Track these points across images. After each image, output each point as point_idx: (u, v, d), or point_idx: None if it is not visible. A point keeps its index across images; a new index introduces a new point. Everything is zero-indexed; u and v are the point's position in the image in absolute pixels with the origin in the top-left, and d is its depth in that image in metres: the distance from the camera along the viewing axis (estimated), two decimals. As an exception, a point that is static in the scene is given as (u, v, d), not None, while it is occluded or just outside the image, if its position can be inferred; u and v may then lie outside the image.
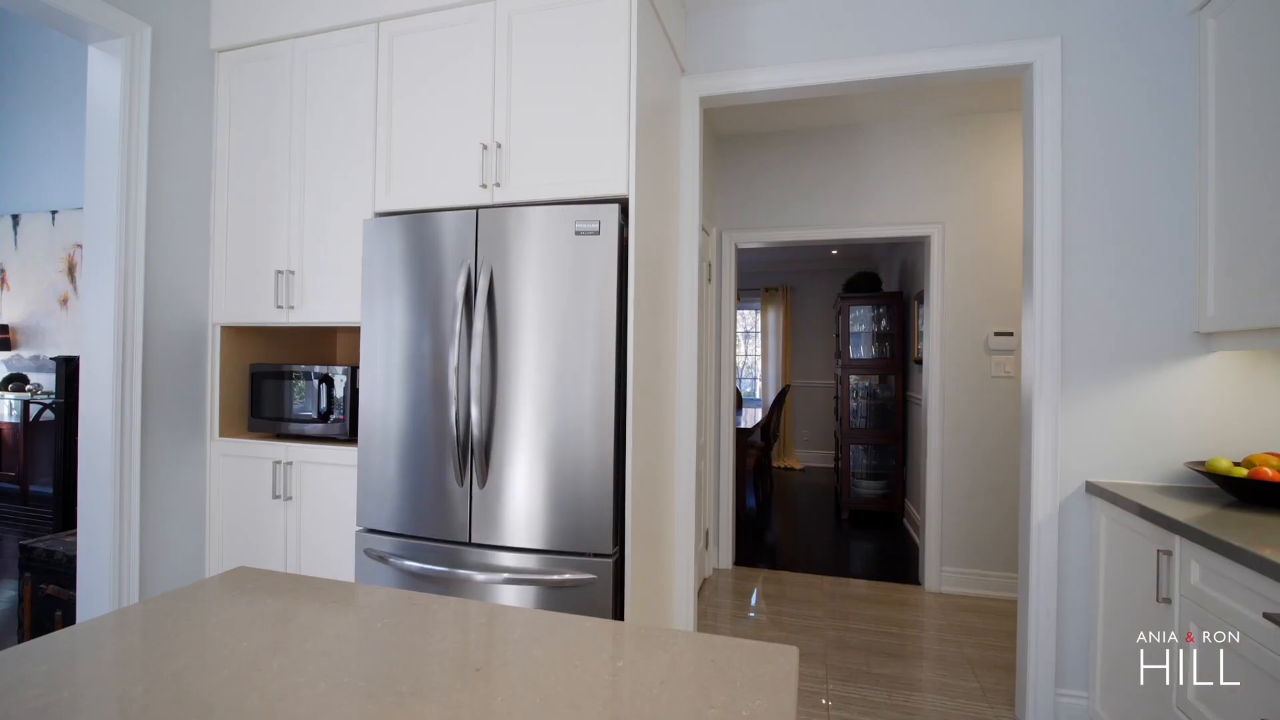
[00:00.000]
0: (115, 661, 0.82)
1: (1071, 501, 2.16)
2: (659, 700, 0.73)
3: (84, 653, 0.84)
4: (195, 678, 0.77)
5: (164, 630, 0.90)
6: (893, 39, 2.36)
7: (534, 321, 1.91)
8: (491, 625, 0.94)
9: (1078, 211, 2.18)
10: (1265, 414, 2.01)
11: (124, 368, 2.18)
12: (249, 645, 0.86)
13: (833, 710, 2.32)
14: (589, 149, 1.96)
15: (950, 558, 3.52)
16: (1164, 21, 2.13)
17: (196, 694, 0.73)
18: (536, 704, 0.72)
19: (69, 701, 0.72)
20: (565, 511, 1.88)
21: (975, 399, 3.52)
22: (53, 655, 0.82)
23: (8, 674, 0.77)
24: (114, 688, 0.75)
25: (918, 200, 3.65)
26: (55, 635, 0.88)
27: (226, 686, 0.75)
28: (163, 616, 0.95)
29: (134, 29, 2.21)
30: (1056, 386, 2.17)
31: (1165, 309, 2.10)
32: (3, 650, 0.80)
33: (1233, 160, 1.91)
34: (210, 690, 0.74)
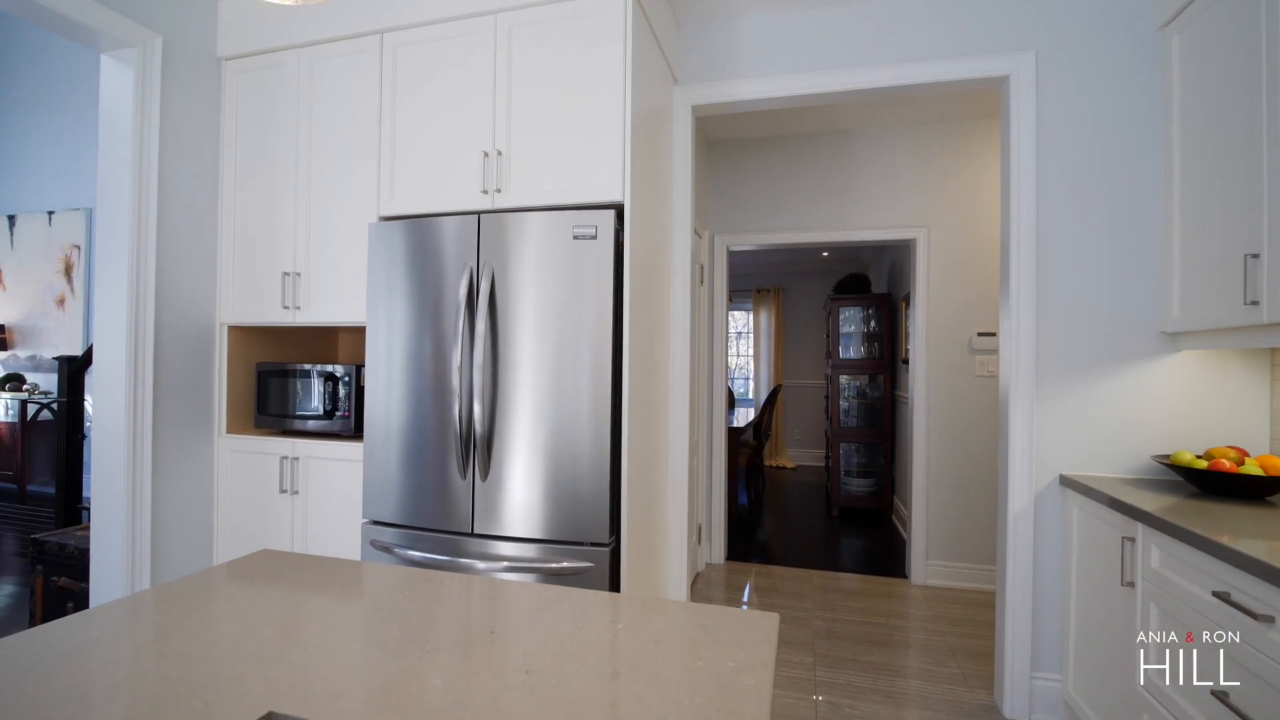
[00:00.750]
0: (168, 627, 0.90)
1: (1046, 494, 2.27)
2: (654, 655, 0.82)
3: (137, 621, 0.92)
4: (243, 638, 0.86)
5: (205, 601, 0.99)
6: (878, 51, 2.46)
7: (534, 322, 2.00)
8: (501, 596, 1.03)
9: (1052, 218, 2.29)
10: (1226, 409, 2.12)
11: (136, 367, 2.26)
12: (284, 612, 0.95)
13: (820, 695, 2.42)
14: (586, 157, 2.06)
15: (936, 552, 3.63)
16: (1133, 37, 2.24)
17: (246, 650, 0.82)
18: (546, 658, 0.81)
19: (132, 658, 0.80)
20: (564, 503, 1.97)
21: (960, 398, 3.63)
22: (112, 621, 0.91)
23: (75, 636, 0.85)
24: (173, 645, 0.84)
25: (904, 204, 3.76)
26: (109, 605, 0.96)
27: (272, 644, 0.84)
28: (201, 590, 1.03)
29: (146, 39, 2.28)
30: (1032, 384, 2.28)
31: (1134, 310, 2.21)
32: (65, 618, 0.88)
33: (1195, 170, 2.02)
34: (259, 647, 0.83)
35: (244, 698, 0.72)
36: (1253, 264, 1.71)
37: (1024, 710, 2.28)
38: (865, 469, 5.32)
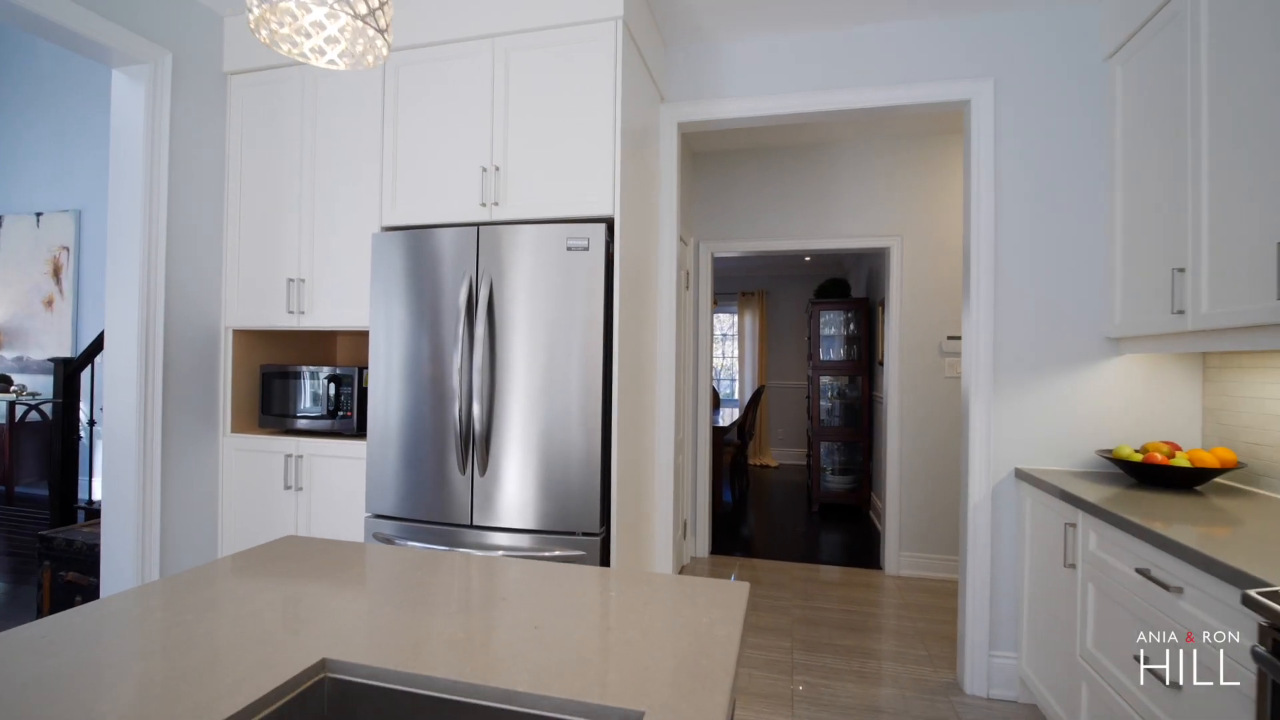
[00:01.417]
0: (215, 599, 1.03)
1: (1003, 486, 2.46)
2: (642, 613, 0.97)
3: (187, 594, 1.06)
4: (286, 605, 0.99)
5: (244, 578, 1.12)
6: (852, 75, 2.64)
7: (530, 327, 2.15)
8: (507, 572, 1.18)
9: (1008, 231, 2.48)
10: (1163, 408, 2.32)
11: (146, 370, 2.37)
12: (318, 585, 1.09)
13: (796, 675, 2.58)
14: (579, 173, 2.20)
15: (908, 544, 3.82)
16: (1082, 67, 2.44)
17: (291, 615, 0.96)
18: (551, 616, 0.95)
19: (193, 623, 0.94)
20: (557, 495, 2.12)
21: (930, 398, 3.82)
22: (166, 594, 1.04)
23: (138, 605, 0.98)
24: (226, 612, 0.97)
25: (879, 214, 3.95)
26: (158, 583, 1.09)
27: (312, 610, 0.97)
28: (238, 569, 1.16)
29: (157, 55, 2.40)
30: (990, 385, 2.47)
31: (1081, 317, 2.40)
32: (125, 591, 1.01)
33: (1134, 190, 2.22)
34: (301, 611, 0.97)
35: (298, 649, 0.86)
36: (1179, 277, 1.90)
37: (983, 686, 2.46)
38: (844, 467, 5.51)
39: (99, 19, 2.21)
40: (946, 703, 2.41)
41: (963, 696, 2.46)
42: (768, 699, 2.41)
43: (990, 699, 2.44)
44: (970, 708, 2.38)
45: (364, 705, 0.81)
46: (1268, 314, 1.55)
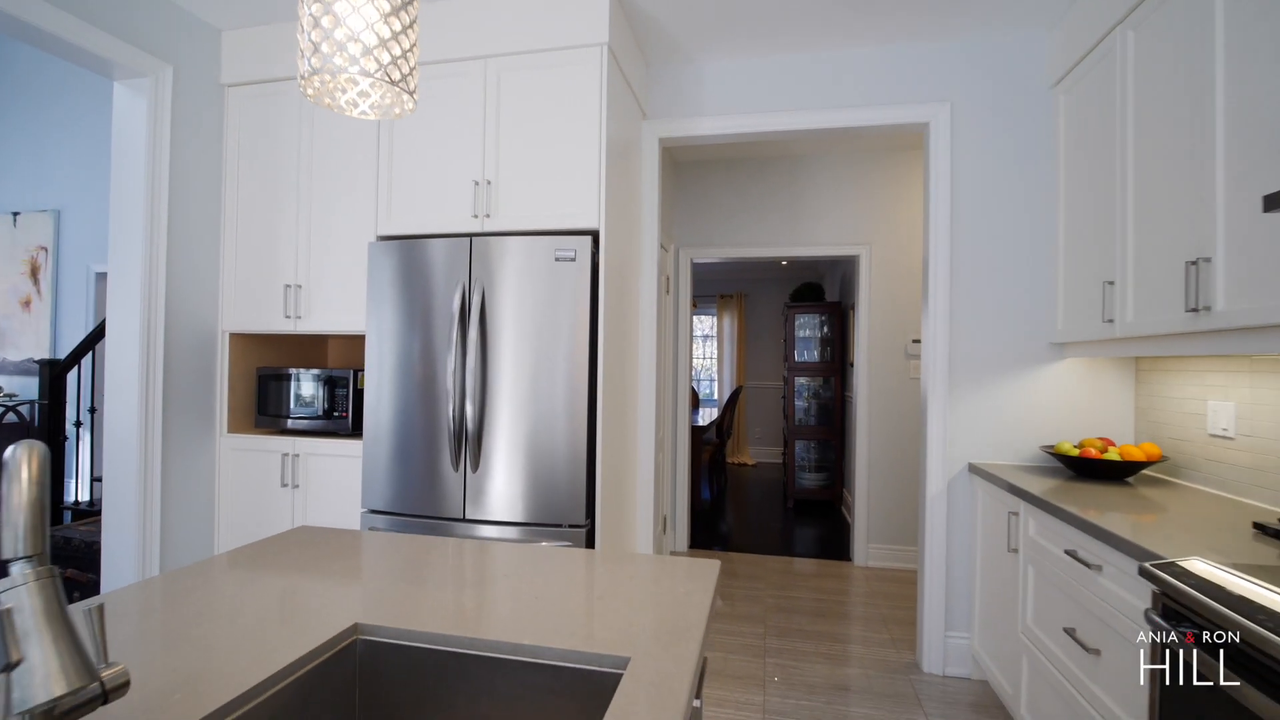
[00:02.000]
0: (249, 579, 1.16)
1: (957, 480, 2.66)
2: (627, 585, 1.13)
3: (223, 573, 1.18)
4: (314, 581, 1.13)
5: (270, 560, 1.25)
6: (821, 97, 2.82)
7: (520, 332, 2.29)
8: (507, 554, 1.32)
9: (963, 244, 2.68)
10: (1100, 407, 2.54)
11: (147, 372, 2.46)
12: (338, 565, 1.22)
13: (769, 658, 2.76)
14: (567, 187, 2.35)
15: (875, 537, 4.03)
16: (1030, 93, 2.64)
17: (320, 589, 1.09)
18: (551, 588, 1.10)
19: (235, 595, 1.07)
20: (545, 490, 2.26)
21: (896, 398, 4.03)
22: (205, 574, 1.17)
23: (183, 582, 1.11)
24: (263, 586, 1.10)
25: (849, 223, 4.15)
26: (197, 565, 1.22)
27: (338, 585, 1.11)
28: (263, 553, 1.29)
29: (158, 69, 2.49)
30: (946, 386, 2.67)
31: (1029, 324, 2.61)
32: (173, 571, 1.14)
33: (1074, 208, 2.43)
34: (328, 587, 1.10)
35: (332, 615, 0.99)
36: (1109, 289, 2.11)
37: (940, 665, 2.66)
38: (818, 464, 5.73)
39: (102, 34, 2.30)
40: (906, 680, 2.60)
41: (921, 675, 2.65)
42: (741, 680, 2.58)
43: (946, 676, 2.64)
44: (927, 685, 2.57)
45: (390, 661, 0.95)
46: (1179, 324, 1.75)
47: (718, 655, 2.78)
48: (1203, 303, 1.65)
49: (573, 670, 0.88)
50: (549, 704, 0.89)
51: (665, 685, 0.79)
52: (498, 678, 0.91)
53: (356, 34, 0.81)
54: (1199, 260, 1.66)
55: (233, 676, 0.80)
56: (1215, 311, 1.61)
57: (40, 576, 0.48)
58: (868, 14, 2.53)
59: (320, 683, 0.89)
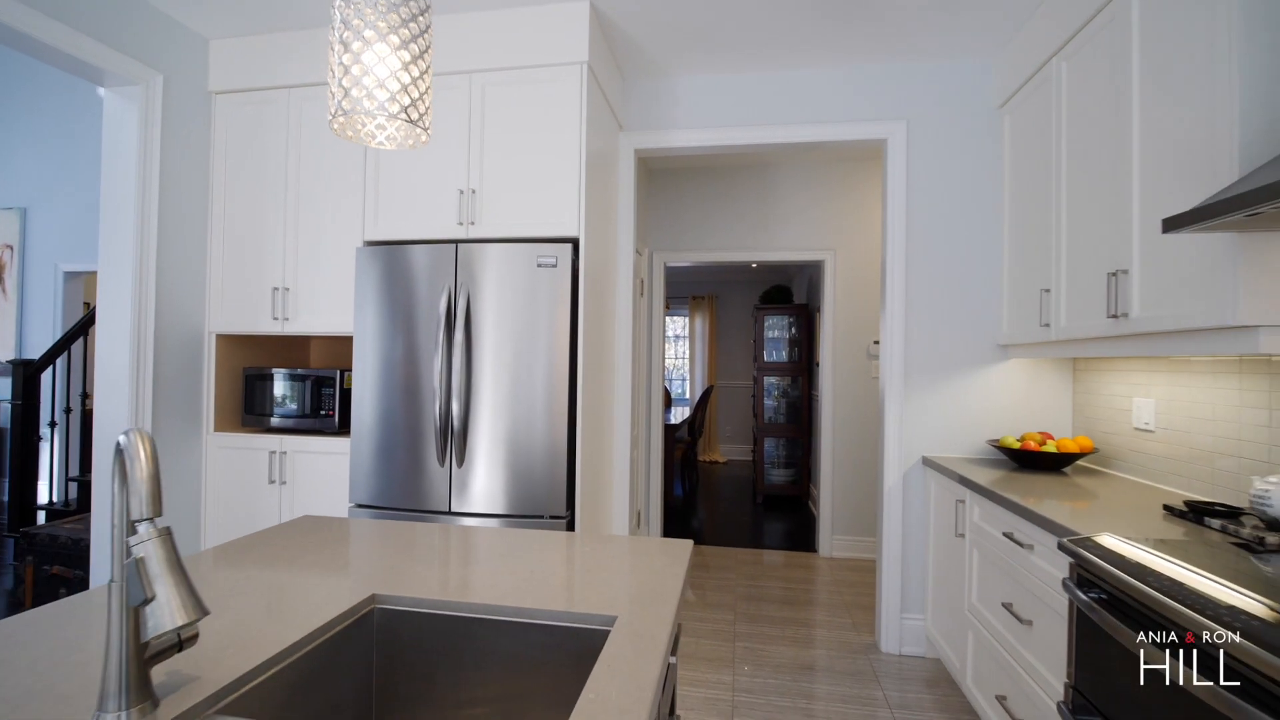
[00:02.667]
0: (270, 557, 1.27)
1: (912, 472, 2.86)
2: (608, 559, 1.27)
3: (246, 554, 1.29)
4: (330, 560, 1.24)
5: (285, 543, 1.36)
6: (786, 113, 3.00)
7: (504, 335, 2.41)
8: (501, 537, 1.45)
9: (918, 252, 2.88)
10: (1042, 404, 2.77)
11: (138, 373, 2.52)
12: (349, 547, 1.34)
13: (738, 642, 2.92)
14: (548, 197, 2.48)
15: (839, 528, 4.24)
16: (980, 113, 2.86)
17: (336, 566, 1.21)
18: (543, 563, 1.24)
19: (263, 574, 1.18)
20: (527, 483, 2.39)
21: (858, 397, 4.25)
22: (227, 555, 1.28)
23: (201, 564, 1.22)
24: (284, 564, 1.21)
25: (815, 229, 4.36)
26: (218, 548, 1.32)
27: (352, 564, 1.23)
28: (277, 537, 1.40)
29: (148, 77, 2.55)
30: (902, 384, 2.87)
31: (977, 326, 2.82)
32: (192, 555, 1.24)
33: (1017, 221, 2.64)
34: (343, 565, 1.22)
35: (351, 588, 1.12)
36: (1045, 296, 2.32)
37: (896, 645, 2.85)
38: (786, 461, 5.94)
39: (96, 43, 2.36)
40: (865, 660, 2.79)
41: (879, 655, 2.85)
42: (712, 662, 2.74)
43: (902, 655, 2.84)
44: (885, 663, 2.77)
45: (403, 626, 1.08)
46: (1102, 328, 1.96)
47: (690, 640, 2.93)
48: (1121, 310, 1.86)
49: (566, 629, 1.02)
50: (546, 658, 1.03)
51: (647, 636, 0.94)
52: (500, 638, 1.05)
53: (382, 81, 0.94)
54: (1118, 272, 1.87)
55: (272, 638, 0.92)
56: (1132, 318, 1.82)
57: (161, 533, 0.61)
58: (831, 38, 2.71)
59: (345, 644, 1.02)
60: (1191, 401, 2.03)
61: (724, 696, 2.46)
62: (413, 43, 0.99)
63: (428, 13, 1.02)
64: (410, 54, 0.97)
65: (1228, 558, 1.34)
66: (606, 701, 0.76)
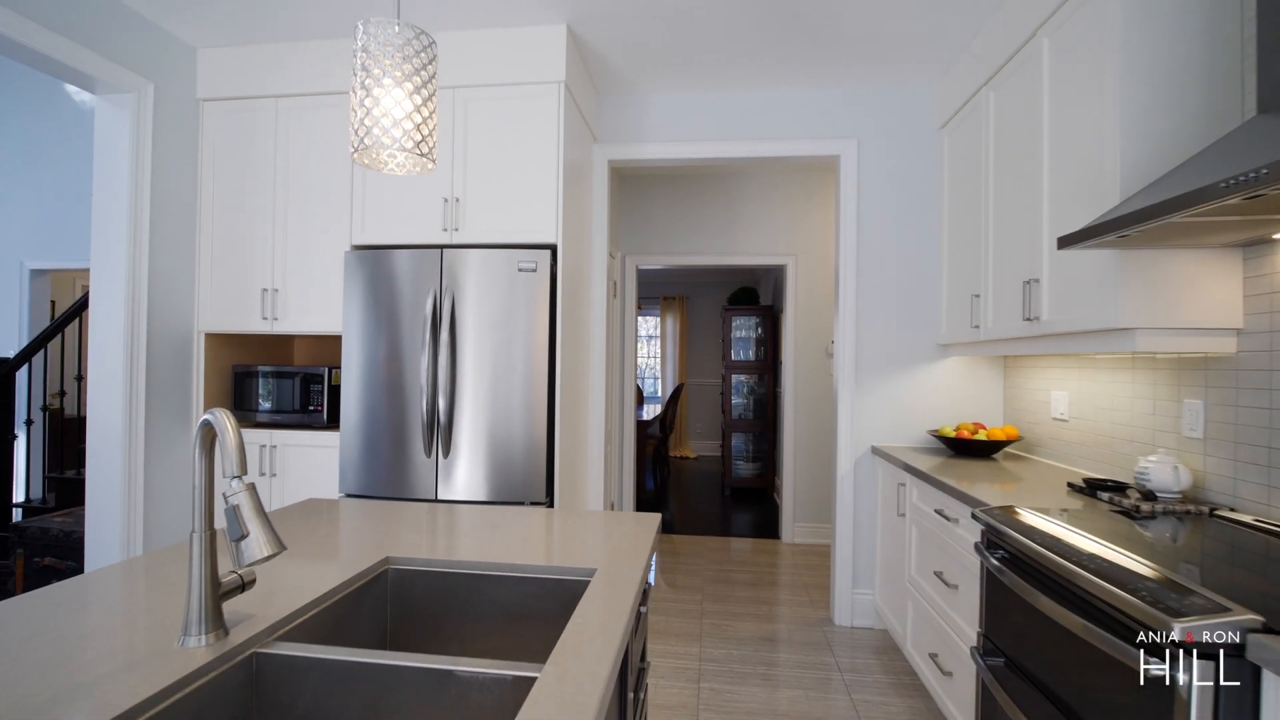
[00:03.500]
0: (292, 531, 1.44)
1: (863, 460, 3.12)
2: (583, 531, 1.47)
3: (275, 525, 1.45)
4: (344, 533, 1.42)
5: (301, 520, 1.53)
6: (748, 129, 3.23)
7: (487, 334, 2.59)
8: (490, 514, 1.64)
9: (868, 259, 3.15)
10: (975, 397, 3.05)
11: (131, 370, 2.63)
12: (356, 523, 1.51)
13: (705, 619, 3.15)
14: (528, 206, 2.67)
15: (801, 517, 4.51)
16: (924, 134, 3.13)
17: (349, 538, 1.39)
18: (530, 533, 1.44)
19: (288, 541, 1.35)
20: (509, 473, 2.58)
21: (818, 393, 4.52)
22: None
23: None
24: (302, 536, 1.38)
25: (778, 234, 4.61)
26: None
27: (362, 535, 1.41)
28: (294, 515, 1.57)
29: (140, 85, 2.66)
30: (854, 381, 3.13)
31: (920, 328, 3.10)
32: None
33: (954, 232, 2.92)
34: (355, 537, 1.40)
35: (366, 555, 1.30)
36: (975, 301, 2.60)
37: (848, 618, 3.12)
38: (753, 455, 6.20)
39: (89, 52, 2.46)
40: (820, 632, 3.04)
41: (833, 627, 3.10)
42: (681, 637, 2.96)
43: (854, 627, 3.10)
44: (838, 633, 3.02)
45: (414, 583, 1.27)
46: (1020, 330, 2.23)
47: (660, 619, 3.15)
48: (1034, 314, 2.13)
49: (554, 580, 1.23)
50: (538, 605, 1.23)
51: (622, 582, 1.15)
52: (497, 590, 1.24)
53: (398, 120, 1.13)
54: (1032, 281, 2.14)
55: (304, 591, 1.10)
56: (1042, 321, 2.09)
57: (248, 487, 0.79)
58: (788, 62, 2.95)
59: (364, 597, 1.20)
60: (1096, 394, 2.32)
61: (692, 665, 2.68)
62: (423, 87, 1.18)
63: (434, 62, 1.21)
64: (421, 97, 1.16)
65: (1108, 522, 1.60)
66: (591, 624, 0.97)
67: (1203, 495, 1.81)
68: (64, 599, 1.03)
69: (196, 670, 0.82)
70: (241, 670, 0.89)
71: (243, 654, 0.90)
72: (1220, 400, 1.77)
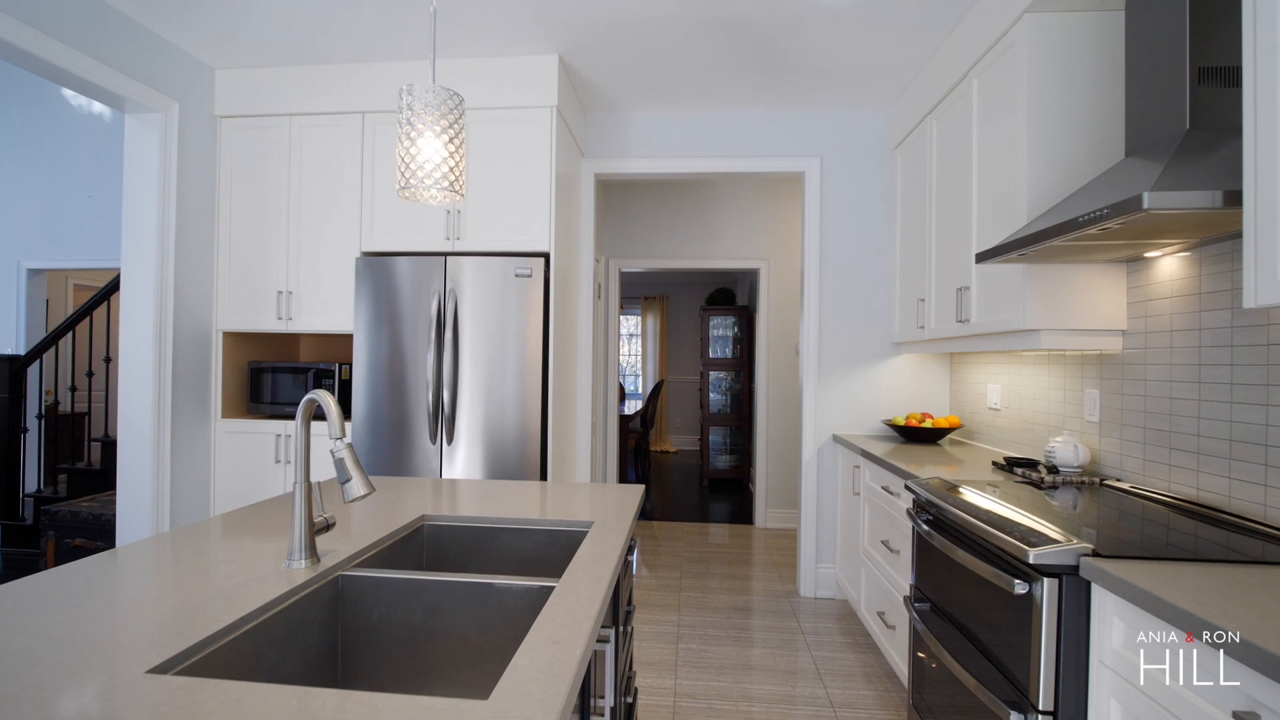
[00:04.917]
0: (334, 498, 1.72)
1: (825, 447, 3.46)
2: (573, 500, 1.78)
3: (306, 499, 1.73)
4: (381, 497, 1.70)
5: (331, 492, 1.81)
6: (722, 146, 3.55)
7: (486, 334, 2.88)
8: (501, 485, 1.94)
9: (830, 265, 3.49)
10: (924, 389, 3.41)
11: (159, 366, 2.87)
12: (392, 493, 1.80)
13: (683, 593, 3.47)
14: (523, 218, 2.95)
15: (772, 503, 4.85)
16: (880, 153, 3.48)
17: (390, 501, 1.67)
18: (526, 500, 1.74)
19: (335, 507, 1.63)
20: (505, 458, 2.86)
21: (788, 389, 4.87)
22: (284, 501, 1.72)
23: (281, 505, 1.67)
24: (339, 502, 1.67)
25: (752, 239, 4.95)
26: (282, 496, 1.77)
27: (398, 500, 1.69)
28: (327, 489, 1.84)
29: (166, 105, 2.90)
30: (817, 375, 3.47)
31: (876, 327, 3.45)
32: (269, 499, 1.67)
33: (905, 243, 3.27)
34: (388, 503, 1.68)
35: (406, 513, 1.58)
36: (921, 304, 2.95)
37: (812, 590, 3.46)
38: (730, 448, 6.54)
39: (121, 75, 2.70)
40: (787, 602, 3.38)
41: (799, 598, 3.44)
42: (661, 608, 3.27)
43: (817, 598, 3.44)
44: (803, 603, 3.36)
45: (446, 534, 1.56)
46: (954, 330, 2.58)
47: (641, 593, 3.46)
48: (965, 316, 2.47)
49: (559, 530, 1.53)
50: (547, 550, 1.53)
51: (613, 530, 1.45)
52: (513, 539, 1.54)
53: (436, 165, 1.42)
54: (963, 288, 2.49)
55: (369, 534, 1.39)
56: (972, 322, 2.44)
57: (348, 445, 1.08)
58: (758, 88, 3.27)
59: (408, 545, 1.50)
60: (1022, 386, 2.67)
61: (671, 630, 3.00)
62: (455, 138, 1.47)
63: (463, 116, 1.50)
64: (454, 145, 1.45)
65: (1016, 490, 1.95)
66: (592, 555, 1.27)
67: (1098, 469, 2.17)
68: (181, 545, 1.31)
69: (300, 585, 1.11)
70: (330, 588, 1.18)
71: (330, 575, 1.19)
72: (1111, 390, 2.12)
